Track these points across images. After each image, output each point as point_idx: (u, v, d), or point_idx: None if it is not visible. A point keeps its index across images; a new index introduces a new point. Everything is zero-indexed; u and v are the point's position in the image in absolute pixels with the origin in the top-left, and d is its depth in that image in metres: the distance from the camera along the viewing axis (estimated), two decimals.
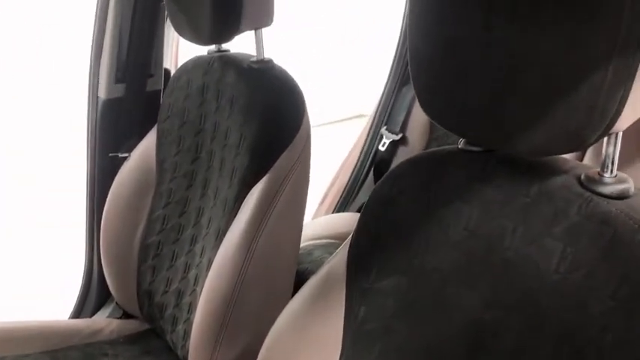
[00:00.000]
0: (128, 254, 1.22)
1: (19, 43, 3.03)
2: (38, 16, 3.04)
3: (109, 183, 1.25)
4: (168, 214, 1.18)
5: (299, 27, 3.71)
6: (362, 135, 1.82)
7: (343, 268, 0.72)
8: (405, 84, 1.64)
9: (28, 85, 3.13)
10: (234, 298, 0.95)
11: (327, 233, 1.59)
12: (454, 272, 0.62)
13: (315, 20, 4.05)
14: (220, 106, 1.09)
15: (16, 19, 3.00)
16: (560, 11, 0.48)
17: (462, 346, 0.61)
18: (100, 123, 1.27)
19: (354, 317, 0.69)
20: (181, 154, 1.17)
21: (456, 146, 0.67)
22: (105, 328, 1.25)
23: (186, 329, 1.09)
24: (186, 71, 1.17)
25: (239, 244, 0.96)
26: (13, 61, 3.04)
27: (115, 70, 1.24)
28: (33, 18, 3.03)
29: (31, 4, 3.00)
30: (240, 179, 1.02)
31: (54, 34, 3.09)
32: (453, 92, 0.58)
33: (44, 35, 3.07)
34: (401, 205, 0.68)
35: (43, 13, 3.04)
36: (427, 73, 0.60)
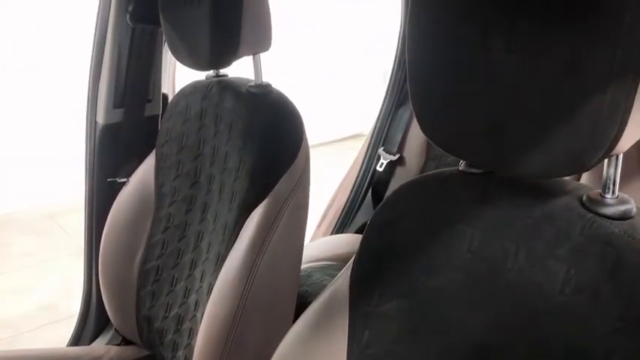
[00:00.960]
0: (127, 279, 1.21)
1: (20, 43, 3.04)
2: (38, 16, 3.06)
3: (107, 208, 1.25)
4: (167, 239, 1.18)
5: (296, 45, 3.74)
6: (359, 155, 1.83)
7: (346, 292, 0.72)
8: (402, 104, 1.65)
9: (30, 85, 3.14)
10: (236, 322, 0.95)
11: (326, 255, 1.58)
12: (457, 295, 0.62)
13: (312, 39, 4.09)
14: (219, 130, 1.09)
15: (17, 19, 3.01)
16: (556, 37, 0.49)
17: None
18: (99, 148, 1.28)
19: (358, 342, 0.69)
20: (180, 179, 1.17)
21: (457, 168, 0.67)
22: (104, 356, 1.24)
23: (187, 355, 1.07)
24: (184, 96, 1.17)
25: (240, 268, 0.95)
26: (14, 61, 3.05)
27: (113, 95, 1.25)
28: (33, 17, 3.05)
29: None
30: (240, 203, 1.01)
31: (54, 33, 3.10)
32: (452, 114, 0.58)
33: (44, 35, 3.09)
34: (402, 227, 0.68)
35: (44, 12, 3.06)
36: (426, 94, 0.61)
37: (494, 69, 0.53)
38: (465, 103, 0.57)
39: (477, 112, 0.56)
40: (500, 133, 0.55)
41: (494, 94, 0.54)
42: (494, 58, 0.53)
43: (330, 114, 4.15)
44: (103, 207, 1.28)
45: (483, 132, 0.56)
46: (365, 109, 4.23)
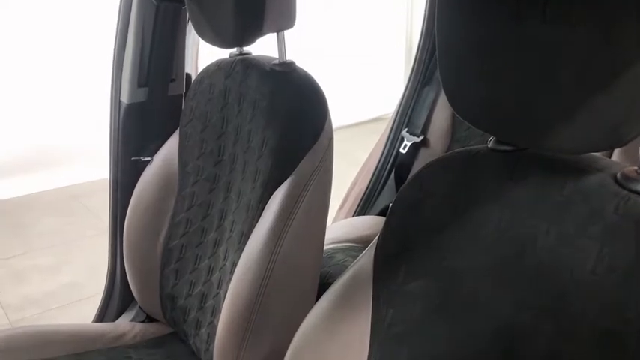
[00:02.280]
0: (151, 258, 1.22)
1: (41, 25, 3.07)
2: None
3: (131, 187, 1.26)
4: (190, 218, 1.18)
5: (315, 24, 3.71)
6: (382, 137, 1.81)
7: (370, 271, 0.71)
8: (427, 85, 1.62)
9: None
10: (259, 300, 0.95)
11: (348, 237, 1.58)
12: (485, 274, 0.61)
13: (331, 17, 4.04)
14: (242, 109, 1.09)
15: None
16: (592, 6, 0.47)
17: (492, 351, 0.60)
18: (123, 127, 1.28)
19: (382, 320, 0.68)
20: (204, 158, 1.17)
21: (485, 146, 0.66)
22: (128, 332, 1.26)
23: (209, 332, 1.08)
24: (208, 75, 1.17)
25: (263, 246, 0.95)
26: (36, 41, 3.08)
27: (137, 74, 1.25)
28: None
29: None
30: (263, 182, 1.01)
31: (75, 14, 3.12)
32: (484, 90, 0.57)
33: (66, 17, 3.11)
34: (429, 206, 0.67)
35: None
36: (457, 71, 0.59)
37: (527, 41, 0.52)
38: (498, 77, 0.55)
39: (510, 86, 0.55)
40: (534, 108, 0.53)
41: (528, 67, 0.53)
42: (527, 30, 0.52)
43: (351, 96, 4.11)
44: (127, 186, 1.29)
45: (516, 107, 0.55)
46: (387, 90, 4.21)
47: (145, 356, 1.19)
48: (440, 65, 0.61)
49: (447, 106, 1.60)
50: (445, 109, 1.60)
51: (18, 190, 3.08)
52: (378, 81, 4.35)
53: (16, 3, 2.98)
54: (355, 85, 4.20)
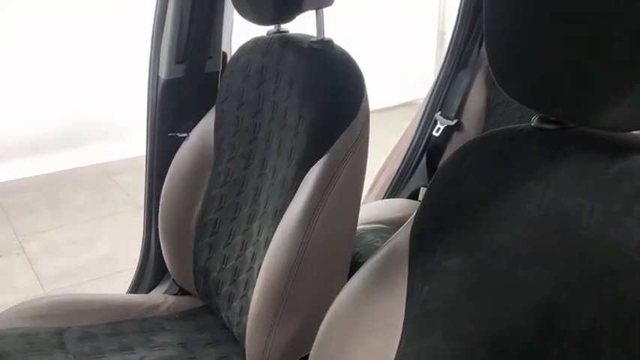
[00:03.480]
0: (185, 232, 1.25)
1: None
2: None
3: (167, 162, 1.28)
4: (225, 193, 1.20)
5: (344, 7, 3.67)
6: (414, 120, 1.80)
7: (406, 247, 0.72)
8: (462, 68, 1.61)
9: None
10: (293, 276, 0.96)
11: (378, 218, 1.58)
12: (525, 252, 0.61)
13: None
14: (279, 86, 1.09)
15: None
16: None
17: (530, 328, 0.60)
18: (160, 103, 1.30)
19: (417, 296, 0.69)
20: (239, 135, 1.18)
21: (528, 124, 0.65)
22: (162, 304, 1.29)
23: (242, 306, 1.10)
24: (245, 52, 1.18)
25: (298, 222, 0.96)
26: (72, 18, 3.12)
27: (175, 50, 1.26)
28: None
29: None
30: (299, 159, 1.02)
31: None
32: (533, 67, 0.56)
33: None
34: (469, 183, 0.67)
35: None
36: (505, 47, 0.59)
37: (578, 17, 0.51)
38: (547, 54, 0.55)
39: (560, 63, 0.54)
40: (583, 84, 0.52)
41: (578, 43, 0.52)
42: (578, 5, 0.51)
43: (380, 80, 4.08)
44: (163, 161, 1.31)
45: (565, 84, 0.54)
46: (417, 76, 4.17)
47: (178, 327, 1.22)
48: (487, 43, 0.60)
49: (482, 89, 1.59)
50: (480, 92, 1.59)
51: (53, 166, 3.16)
52: (408, 66, 4.30)
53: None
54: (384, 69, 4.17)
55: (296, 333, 0.99)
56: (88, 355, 1.10)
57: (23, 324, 1.13)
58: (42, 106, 3.16)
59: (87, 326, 1.17)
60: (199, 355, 1.15)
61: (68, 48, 3.14)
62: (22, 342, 1.08)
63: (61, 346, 1.10)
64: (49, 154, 3.18)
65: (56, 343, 1.11)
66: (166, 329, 1.21)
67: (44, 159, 3.16)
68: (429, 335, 0.67)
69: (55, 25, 3.07)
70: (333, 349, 0.76)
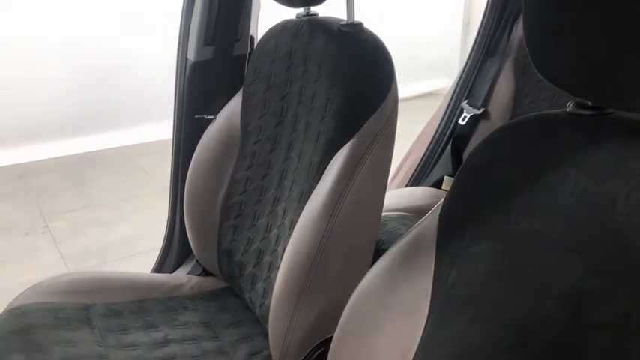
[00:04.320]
0: (210, 214, 1.26)
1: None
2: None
3: (194, 144, 1.29)
4: (250, 176, 1.21)
5: None
6: (440, 108, 1.79)
7: (434, 232, 0.71)
8: (490, 56, 1.59)
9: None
10: (317, 259, 0.96)
11: (400, 206, 1.58)
12: (557, 238, 0.60)
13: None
14: (307, 69, 1.09)
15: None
16: None
17: (558, 315, 0.60)
18: (188, 85, 1.31)
19: (444, 281, 0.69)
20: (266, 118, 1.19)
21: (563, 110, 0.65)
22: (185, 284, 1.30)
23: (265, 287, 1.11)
24: (273, 35, 1.18)
25: (323, 206, 0.96)
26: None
27: (204, 32, 1.27)
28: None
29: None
30: (326, 143, 1.02)
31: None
32: (572, 51, 0.55)
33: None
34: (499, 169, 0.66)
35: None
36: (542, 29, 0.58)
37: None
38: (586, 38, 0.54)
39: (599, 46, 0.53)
40: (623, 68, 0.51)
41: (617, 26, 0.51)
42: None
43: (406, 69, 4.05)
44: (189, 142, 1.32)
45: (604, 68, 0.53)
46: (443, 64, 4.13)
47: (201, 307, 1.24)
48: (525, 24, 0.59)
49: (510, 78, 1.57)
50: (508, 81, 1.57)
51: (79, 148, 3.20)
52: (433, 55, 4.26)
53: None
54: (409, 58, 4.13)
55: (319, 315, 0.99)
56: (113, 331, 1.12)
57: (50, 299, 1.16)
58: (69, 89, 3.20)
59: (112, 303, 1.19)
60: (222, 335, 1.16)
61: (97, 29, 3.16)
62: (50, 316, 1.10)
63: (87, 322, 1.12)
64: (76, 136, 3.22)
65: (82, 319, 1.13)
66: (190, 308, 1.23)
67: (70, 141, 3.20)
68: (455, 320, 0.67)
69: (83, 5, 3.10)
70: (357, 332, 0.76)
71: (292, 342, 0.99)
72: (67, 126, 3.21)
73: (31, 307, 1.12)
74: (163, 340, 1.12)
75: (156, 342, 1.11)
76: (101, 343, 1.08)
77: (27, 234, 2.48)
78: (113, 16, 3.18)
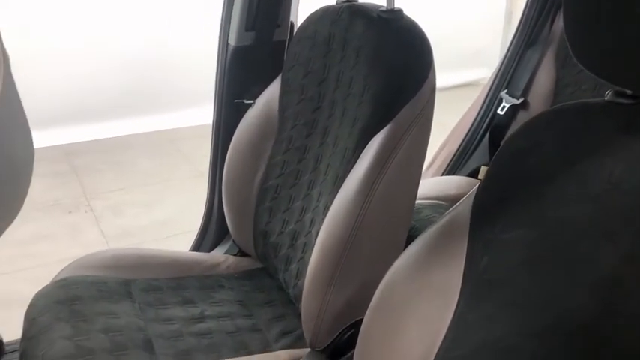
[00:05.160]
0: (247, 196, 1.29)
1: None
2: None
3: (233, 128, 1.32)
4: (287, 160, 1.23)
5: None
6: (479, 98, 1.78)
7: (467, 218, 0.72)
8: (531, 46, 1.57)
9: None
10: (350, 241, 0.98)
11: (436, 195, 1.58)
12: (590, 226, 0.61)
13: None
14: (346, 55, 1.10)
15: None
16: None
17: (589, 303, 0.60)
18: (229, 69, 1.34)
19: (476, 266, 0.69)
20: (303, 103, 1.21)
21: (602, 98, 0.64)
22: (222, 263, 1.34)
23: (299, 269, 1.14)
24: (313, 21, 1.19)
25: (357, 190, 0.98)
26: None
27: (245, 18, 1.29)
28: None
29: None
30: (362, 128, 1.03)
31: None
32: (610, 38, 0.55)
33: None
34: (535, 156, 0.67)
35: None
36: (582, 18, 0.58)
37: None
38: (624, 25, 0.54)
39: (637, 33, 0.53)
40: None
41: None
42: None
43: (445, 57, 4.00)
44: (229, 126, 1.35)
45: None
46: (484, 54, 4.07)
47: (236, 286, 1.27)
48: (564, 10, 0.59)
49: (551, 68, 1.55)
50: (549, 71, 1.55)
51: (121, 130, 3.29)
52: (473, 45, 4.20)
53: None
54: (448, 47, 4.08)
55: (350, 298, 1.01)
56: (152, 306, 1.16)
57: (93, 273, 1.21)
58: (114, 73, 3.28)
59: (152, 279, 1.23)
60: (256, 313, 1.19)
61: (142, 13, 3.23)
62: (93, 289, 1.15)
63: (128, 295, 1.17)
64: (118, 119, 3.31)
65: (123, 292, 1.18)
66: (225, 287, 1.27)
67: (114, 123, 3.29)
68: (486, 305, 0.68)
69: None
70: (387, 314, 0.78)
71: (324, 323, 1.02)
72: (110, 109, 3.30)
73: (76, 279, 1.17)
74: (200, 315, 1.16)
75: (192, 317, 1.15)
76: (141, 316, 1.12)
77: (70, 212, 2.57)
78: (158, 1, 3.23)
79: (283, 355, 1.08)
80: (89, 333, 1.04)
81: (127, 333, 1.06)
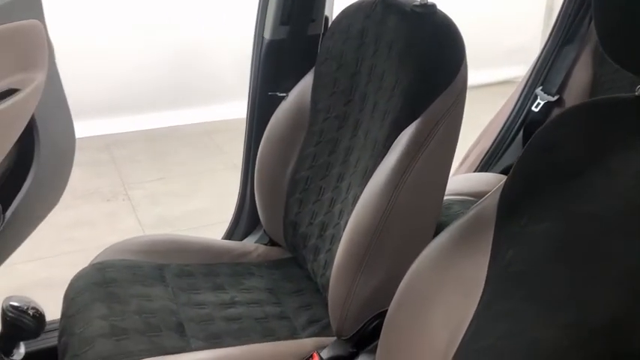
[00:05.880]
0: (278, 187, 1.31)
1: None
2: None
3: (266, 120, 1.34)
4: (318, 152, 1.25)
5: None
6: (512, 96, 1.76)
7: (494, 211, 0.73)
8: (569, 42, 1.55)
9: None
10: (377, 234, 0.99)
11: (466, 191, 1.58)
12: (617, 221, 0.61)
13: None
14: (378, 49, 1.11)
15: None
16: None
17: (614, 297, 0.60)
18: (263, 62, 1.36)
19: (501, 259, 0.70)
20: (335, 96, 1.22)
21: (632, 94, 0.64)
22: (252, 252, 1.37)
23: (327, 259, 1.16)
24: (347, 15, 1.20)
25: (386, 182, 0.99)
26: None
27: (280, 12, 1.31)
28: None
29: None
30: (392, 121, 1.04)
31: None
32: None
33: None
34: (563, 150, 0.67)
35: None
36: (612, 14, 0.58)
37: None
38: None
39: None
40: None
41: None
42: None
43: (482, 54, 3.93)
44: (262, 118, 1.38)
45: None
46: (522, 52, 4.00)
47: (266, 274, 1.30)
48: (595, 12, 0.59)
49: (588, 65, 1.52)
50: (586, 68, 1.52)
51: (160, 123, 3.37)
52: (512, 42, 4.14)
53: None
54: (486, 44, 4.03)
55: (376, 289, 1.02)
56: (184, 290, 1.20)
57: (129, 257, 1.25)
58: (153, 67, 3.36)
59: (185, 265, 1.27)
60: (284, 301, 1.22)
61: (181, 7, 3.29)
62: (129, 272, 1.20)
63: (162, 280, 1.21)
64: (157, 111, 3.39)
65: (157, 277, 1.22)
66: (255, 275, 1.29)
67: (152, 115, 3.37)
68: (510, 297, 0.68)
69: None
70: (412, 305, 0.79)
71: (350, 312, 1.03)
72: (150, 101, 3.38)
73: (112, 263, 1.22)
74: (230, 301, 1.19)
75: (223, 302, 1.18)
76: (173, 300, 1.16)
77: (109, 200, 2.65)
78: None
79: (310, 342, 1.10)
80: (124, 314, 1.08)
81: (160, 315, 1.10)
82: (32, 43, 1.16)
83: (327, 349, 1.07)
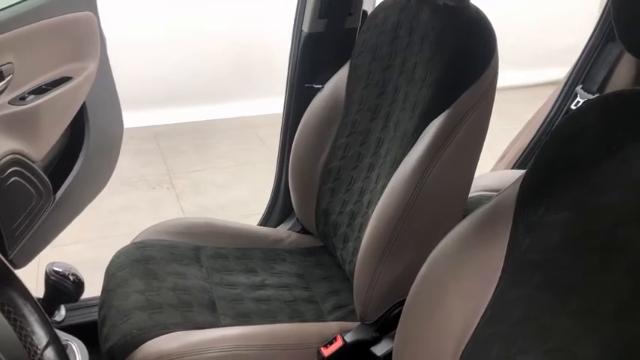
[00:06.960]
0: (311, 176, 1.35)
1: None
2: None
3: (302, 110, 1.38)
4: (350, 143, 1.28)
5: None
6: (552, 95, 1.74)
7: (513, 200, 0.74)
8: (612, 39, 1.52)
9: None
10: (401, 222, 1.01)
11: (498, 187, 1.57)
12: (630, 212, 0.61)
13: None
14: (412, 42, 1.13)
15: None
16: None
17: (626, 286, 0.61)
18: (301, 55, 1.40)
19: (518, 247, 0.71)
20: (369, 88, 1.25)
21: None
22: (285, 239, 1.41)
23: (355, 247, 1.18)
24: (383, 9, 1.23)
25: (413, 170, 1.01)
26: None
27: (319, 6, 1.35)
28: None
29: None
30: (422, 112, 1.06)
31: None
32: None
33: None
34: (583, 141, 0.68)
35: None
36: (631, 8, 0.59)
37: None
38: None
39: None
40: None
41: None
42: None
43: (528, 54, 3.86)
44: (298, 109, 1.42)
45: None
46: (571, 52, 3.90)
47: (297, 261, 1.34)
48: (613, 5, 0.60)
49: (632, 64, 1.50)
50: (630, 67, 1.49)
51: (205, 115, 3.46)
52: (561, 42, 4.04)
53: None
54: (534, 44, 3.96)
55: (399, 276, 1.04)
56: (218, 271, 1.25)
57: (167, 237, 1.31)
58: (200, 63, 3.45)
59: (219, 247, 1.32)
60: (313, 287, 1.26)
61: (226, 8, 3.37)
62: (166, 252, 1.26)
63: (197, 260, 1.27)
64: (202, 104, 3.48)
65: (193, 257, 1.27)
66: (287, 261, 1.34)
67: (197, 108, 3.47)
68: (526, 284, 0.69)
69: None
70: (431, 288, 0.81)
71: (373, 297, 1.06)
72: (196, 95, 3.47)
73: (151, 242, 1.28)
74: (261, 283, 1.23)
75: (254, 284, 1.23)
76: (207, 280, 1.21)
77: (154, 188, 2.75)
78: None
79: (334, 325, 1.14)
80: (159, 290, 1.14)
81: (193, 293, 1.16)
82: (85, 34, 1.23)
83: (350, 332, 1.10)
